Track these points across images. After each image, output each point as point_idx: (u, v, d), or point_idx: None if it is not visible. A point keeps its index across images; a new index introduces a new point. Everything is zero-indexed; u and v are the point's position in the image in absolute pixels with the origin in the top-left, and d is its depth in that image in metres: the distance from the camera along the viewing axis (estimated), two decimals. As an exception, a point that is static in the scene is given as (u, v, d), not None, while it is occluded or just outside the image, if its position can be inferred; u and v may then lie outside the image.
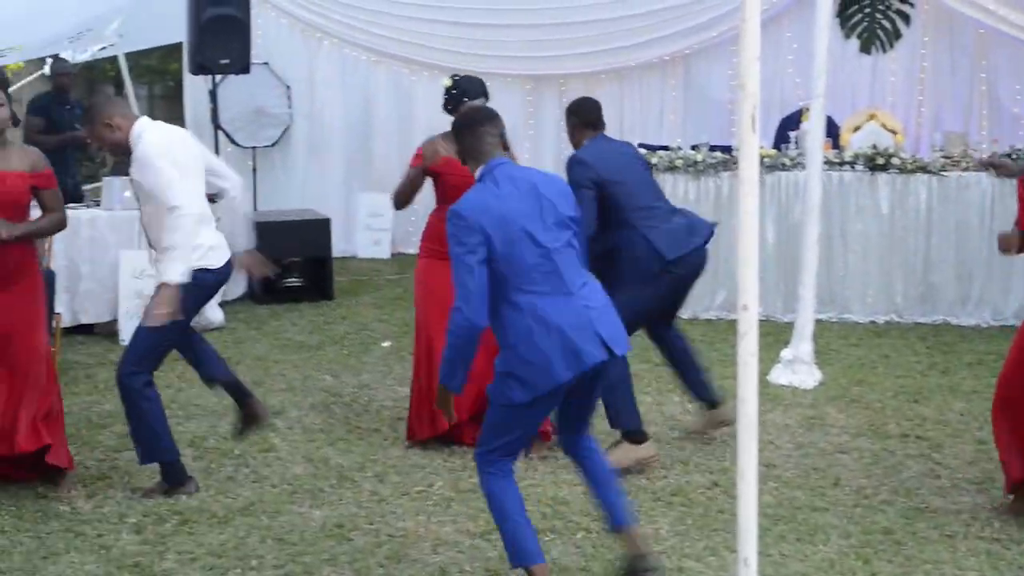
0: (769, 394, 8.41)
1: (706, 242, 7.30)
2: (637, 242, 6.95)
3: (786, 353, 8.94)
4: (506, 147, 5.34)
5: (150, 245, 6.63)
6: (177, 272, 6.25)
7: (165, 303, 6.25)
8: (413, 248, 14.15)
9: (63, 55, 13.80)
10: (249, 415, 6.97)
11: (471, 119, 5.37)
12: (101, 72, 18.83)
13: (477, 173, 5.21)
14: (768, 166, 10.85)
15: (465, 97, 7.22)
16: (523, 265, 4.99)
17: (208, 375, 6.92)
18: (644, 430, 7.04)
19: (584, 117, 7.36)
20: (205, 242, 6.52)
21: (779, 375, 8.85)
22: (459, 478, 6.83)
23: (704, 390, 7.49)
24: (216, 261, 6.60)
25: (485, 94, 7.36)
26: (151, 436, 6.55)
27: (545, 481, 6.74)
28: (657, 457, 7.01)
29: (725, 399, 7.39)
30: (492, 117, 5.35)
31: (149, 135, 6.44)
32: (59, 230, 6.91)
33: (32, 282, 6.63)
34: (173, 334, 6.50)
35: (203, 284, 6.50)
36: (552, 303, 5.01)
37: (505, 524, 5.17)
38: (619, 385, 6.83)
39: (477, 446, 5.26)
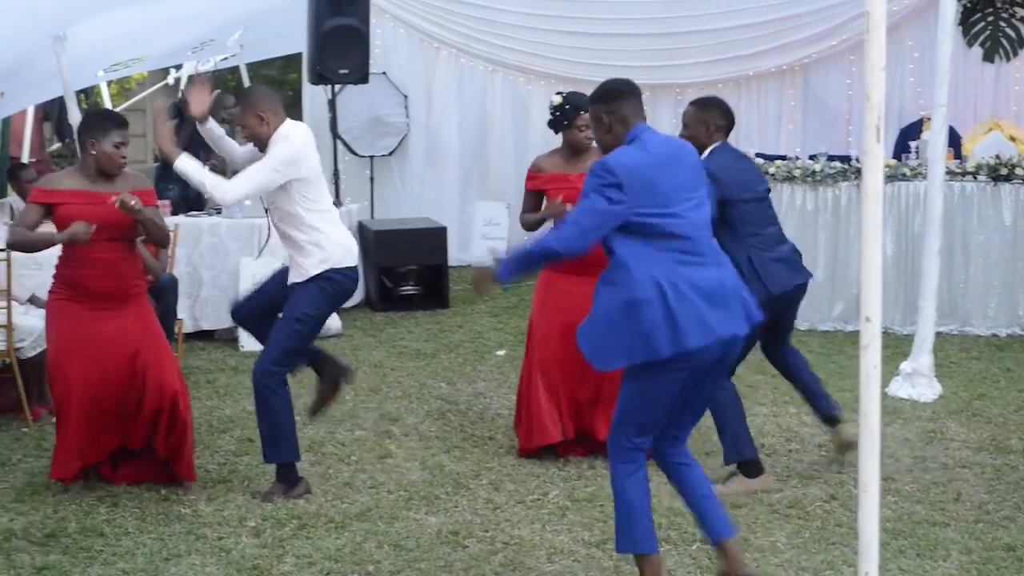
0: (888, 407, 8.30)
1: (809, 277, 7.15)
2: (743, 265, 6.70)
3: (906, 366, 8.83)
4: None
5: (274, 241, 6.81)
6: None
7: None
8: (529, 257, 14.25)
9: (186, 66, 14.08)
10: (329, 374, 7.07)
11: (631, 85, 5.32)
12: (222, 82, 19.10)
13: (627, 136, 5.16)
14: (888, 176, 10.72)
15: (580, 111, 7.20)
16: (663, 229, 4.96)
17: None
18: (759, 461, 6.92)
19: (726, 118, 7.04)
20: (342, 243, 6.70)
21: (898, 388, 8.73)
22: (574, 487, 6.83)
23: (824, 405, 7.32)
24: (352, 261, 6.75)
25: None
26: (279, 435, 6.64)
27: (660, 492, 6.70)
28: (773, 487, 6.87)
29: (844, 416, 7.28)
30: (639, 92, 5.32)
31: (296, 136, 6.62)
32: (163, 241, 7.00)
33: (144, 303, 6.84)
34: (311, 333, 6.68)
35: (339, 284, 6.65)
36: (688, 271, 4.96)
37: (622, 509, 5.13)
38: (730, 411, 6.74)
39: (609, 436, 5.20)
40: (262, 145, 6.62)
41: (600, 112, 5.27)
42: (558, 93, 7.44)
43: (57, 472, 6.75)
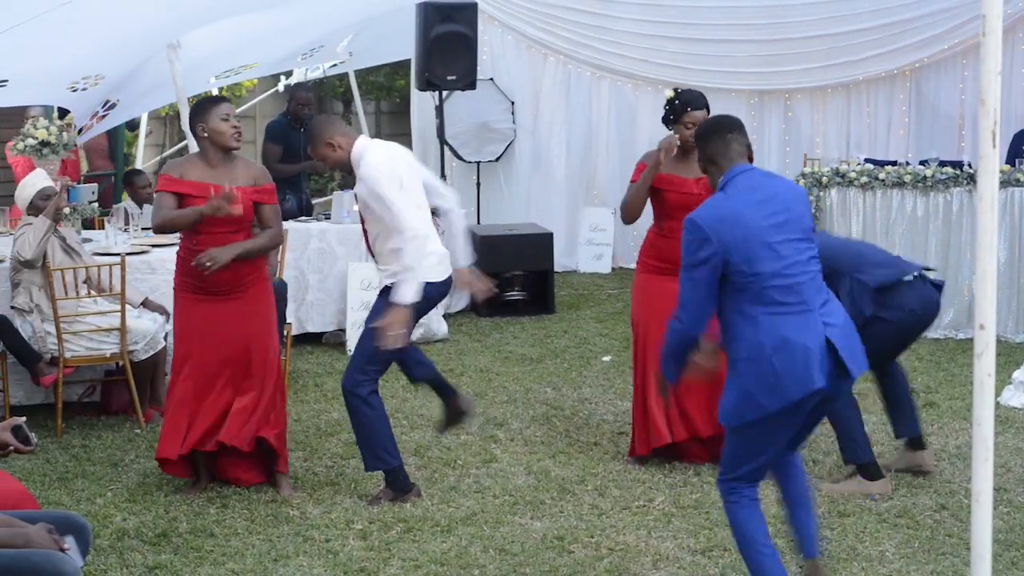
0: (1000, 416, 8.16)
1: None
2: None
3: (1018, 374, 8.68)
4: (750, 158, 5.25)
5: (373, 258, 6.80)
6: (409, 294, 6.41)
7: (396, 324, 6.42)
8: (635, 263, 14.21)
9: (295, 73, 14.23)
10: (453, 411, 7.09)
11: (720, 124, 5.21)
12: (331, 88, 19.31)
13: (720, 181, 5.08)
14: (1001, 182, 10.54)
15: (688, 107, 7.15)
16: (761, 278, 4.85)
17: (413, 376, 7.10)
18: (878, 464, 6.85)
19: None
20: (431, 256, 6.65)
21: (1011, 397, 8.58)
22: (680, 494, 6.81)
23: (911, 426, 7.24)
24: (440, 275, 6.74)
25: (707, 106, 7.24)
26: (375, 443, 6.70)
27: (767, 499, 6.65)
28: (890, 493, 6.80)
29: (927, 443, 7.20)
30: (740, 125, 5.21)
31: (371, 156, 6.58)
32: (275, 246, 7.07)
33: (262, 290, 6.87)
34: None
35: (427, 296, 6.61)
36: (789, 320, 4.86)
37: (750, 552, 5.06)
38: (845, 414, 6.69)
39: (720, 475, 5.15)
40: (348, 168, 6.68)
41: (702, 156, 5.23)
42: (673, 88, 7.41)
43: (163, 451, 6.83)
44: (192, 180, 6.65)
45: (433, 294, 6.72)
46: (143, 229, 9.79)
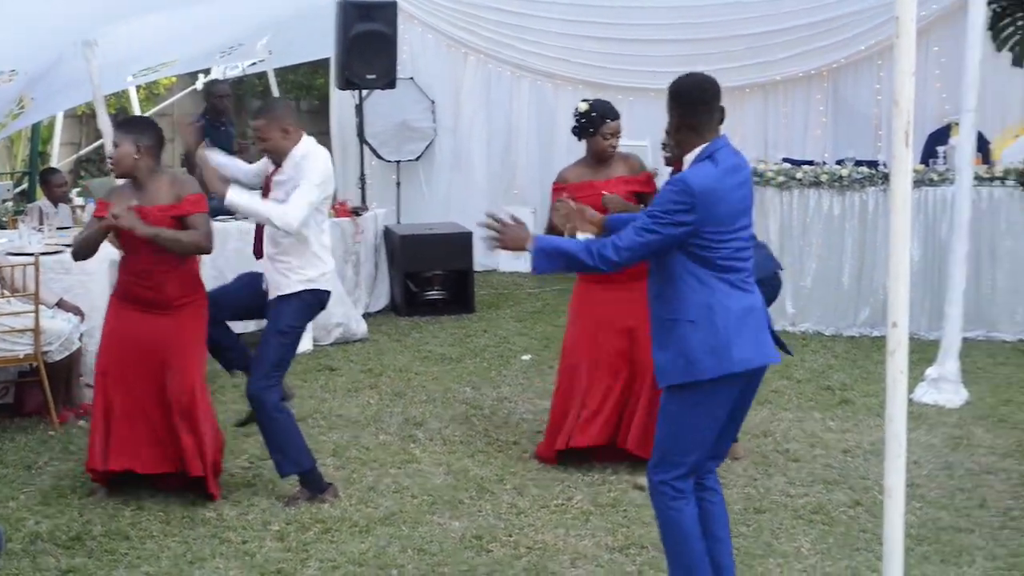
0: (913, 412, 8.25)
1: None
2: None
3: (931, 371, 8.80)
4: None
5: (264, 254, 6.86)
6: (243, 203, 6.64)
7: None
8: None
9: (214, 71, 14.11)
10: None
11: (707, 91, 4.98)
12: (250, 87, 19.16)
13: (696, 151, 4.90)
14: (915, 181, 10.67)
15: (607, 119, 7.22)
16: (725, 251, 4.81)
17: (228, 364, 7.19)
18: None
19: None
20: (327, 267, 6.84)
21: (924, 393, 8.70)
22: (598, 492, 6.83)
23: None
24: (329, 286, 6.89)
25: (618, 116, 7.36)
26: (288, 447, 6.67)
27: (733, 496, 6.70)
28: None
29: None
30: (719, 92, 4.99)
31: (321, 160, 6.72)
32: (194, 251, 6.67)
33: (194, 311, 6.74)
34: (294, 345, 6.79)
35: (321, 303, 6.82)
36: (739, 294, 4.86)
37: (686, 551, 4.97)
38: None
39: (655, 476, 4.99)
40: (279, 159, 6.68)
41: (670, 113, 5.01)
42: (584, 100, 7.41)
43: (92, 462, 6.76)
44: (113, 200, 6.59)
45: (322, 303, 6.86)
46: (58, 229, 9.66)
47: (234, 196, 6.60)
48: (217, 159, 7.06)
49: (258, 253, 6.93)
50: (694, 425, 4.91)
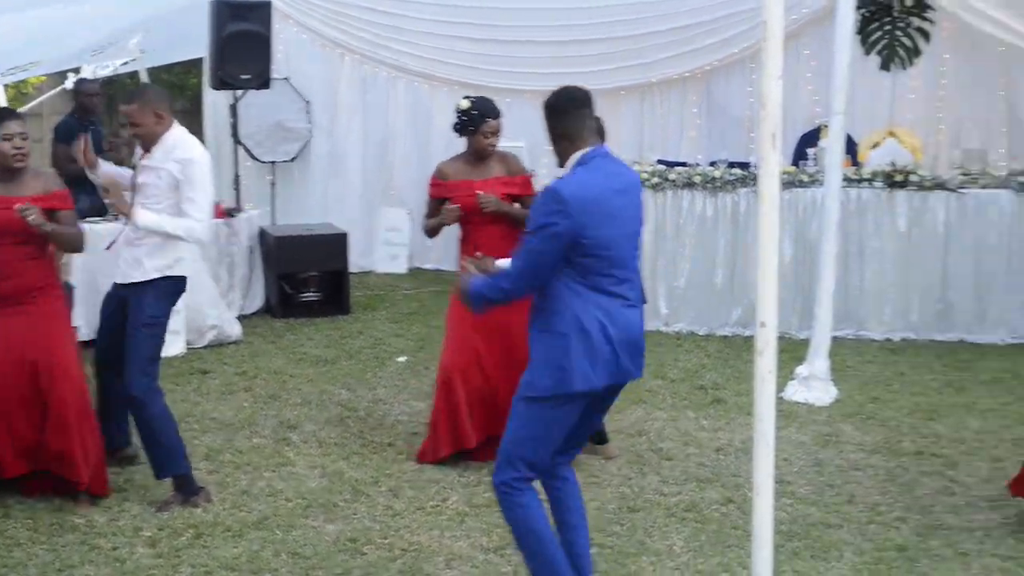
0: (784, 411, 8.40)
1: None
2: None
3: (801, 370, 8.93)
4: (602, 133, 5.14)
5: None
6: (152, 223, 6.62)
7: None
8: (430, 263, 14.27)
9: (84, 70, 13.88)
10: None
11: (576, 99, 5.01)
12: (121, 87, 18.89)
13: (573, 159, 4.91)
14: (786, 183, 10.84)
15: (488, 117, 7.22)
16: (603, 263, 4.80)
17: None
18: None
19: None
20: (186, 254, 6.86)
21: (794, 392, 8.83)
22: (473, 493, 6.83)
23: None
24: (187, 271, 6.89)
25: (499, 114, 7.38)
26: (166, 449, 6.60)
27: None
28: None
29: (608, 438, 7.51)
30: (591, 100, 5.03)
31: (197, 148, 6.73)
32: (75, 248, 6.81)
33: (54, 304, 6.65)
34: (163, 335, 6.77)
35: (179, 291, 6.82)
36: (615, 308, 4.85)
37: (540, 548, 4.96)
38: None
39: (499, 475, 4.99)
40: (149, 144, 6.63)
41: (547, 123, 5.03)
42: (466, 97, 7.40)
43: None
44: None
45: (182, 286, 6.86)
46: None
47: (143, 218, 6.58)
48: (107, 171, 7.00)
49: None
50: (537, 435, 4.93)
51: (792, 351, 9.42)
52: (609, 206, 4.82)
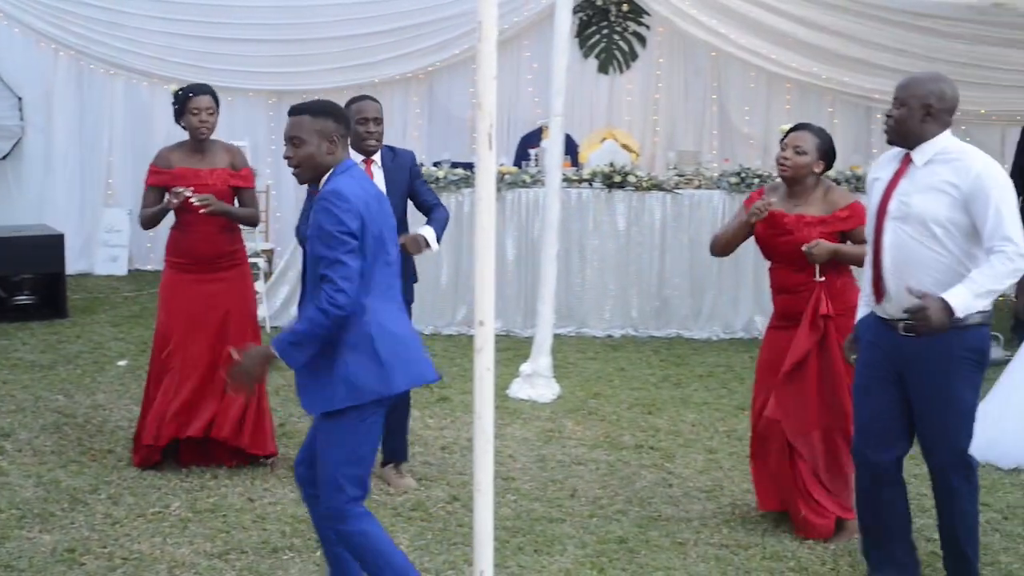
0: (508, 408, 8.53)
1: None
2: None
3: (525, 367, 9.07)
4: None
5: None
6: None
7: None
8: (152, 265, 13.97)
9: None
10: None
11: (342, 112, 5.02)
12: None
13: (335, 168, 4.87)
14: (508, 183, 11.00)
15: (191, 94, 7.11)
16: (376, 269, 4.79)
17: None
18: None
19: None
20: None
21: (518, 389, 8.96)
22: (196, 498, 6.72)
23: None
24: None
25: (213, 94, 7.25)
26: None
27: (285, 500, 6.68)
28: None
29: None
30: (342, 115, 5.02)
31: None
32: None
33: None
34: None
35: None
36: (394, 314, 4.87)
37: (390, 564, 4.88)
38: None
39: (332, 503, 4.86)
40: None
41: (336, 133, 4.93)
42: (177, 83, 7.37)
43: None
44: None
45: None
46: None
47: None
48: None
49: None
50: (361, 443, 4.87)
51: (517, 349, 9.57)
52: (376, 211, 4.84)
